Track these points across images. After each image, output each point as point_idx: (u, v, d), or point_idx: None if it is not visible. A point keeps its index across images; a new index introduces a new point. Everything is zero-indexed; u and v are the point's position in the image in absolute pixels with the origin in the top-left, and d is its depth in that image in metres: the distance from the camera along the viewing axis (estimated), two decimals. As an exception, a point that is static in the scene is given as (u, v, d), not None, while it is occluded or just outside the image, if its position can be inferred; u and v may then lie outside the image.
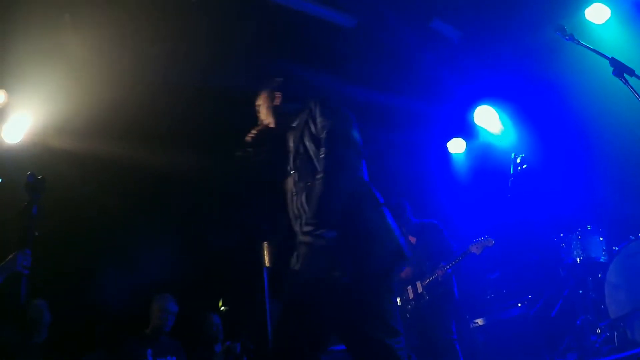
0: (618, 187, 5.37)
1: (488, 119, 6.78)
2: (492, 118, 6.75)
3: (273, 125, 2.76)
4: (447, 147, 7.31)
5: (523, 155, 5.33)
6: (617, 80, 3.16)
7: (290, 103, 2.75)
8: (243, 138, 2.76)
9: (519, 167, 5.31)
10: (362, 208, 2.37)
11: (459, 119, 7.01)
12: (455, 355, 4.76)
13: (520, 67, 6.03)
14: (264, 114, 2.80)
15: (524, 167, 5.29)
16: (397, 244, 2.36)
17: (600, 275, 4.82)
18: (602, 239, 4.97)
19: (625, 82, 3.15)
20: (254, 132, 2.78)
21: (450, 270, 5.02)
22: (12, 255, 3.05)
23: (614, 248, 4.79)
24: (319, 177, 2.33)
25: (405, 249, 2.39)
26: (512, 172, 5.34)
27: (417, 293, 5.17)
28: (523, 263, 6.13)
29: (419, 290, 5.15)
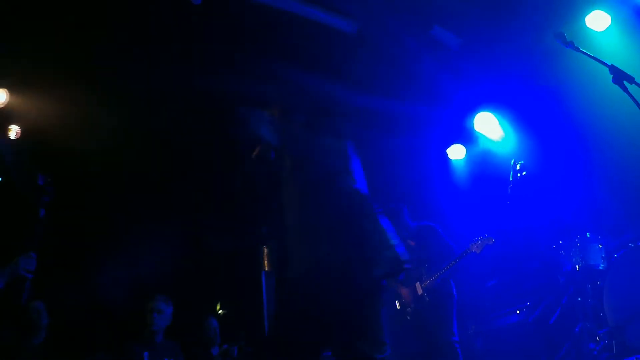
0: (617, 194, 5.37)
1: (488, 126, 6.79)
2: (492, 124, 6.75)
3: (274, 142, 2.83)
4: (446, 153, 7.32)
5: (522, 162, 5.33)
6: (617, 88, 3.17)
7: (288, 118, 2.84)
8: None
9: (519, 173, 5.31)
10: (360, 219, 2.45)
11: (459, 125, 7.02)
12: (457, 359, 4.75)
13: (520, 73, 6.04)
14: (266, 131, 2.85)
15: (524, 173, 5.29)
16: (393, 252, 2.41)
17: (599, 283, 4.80)
18: (601, 246, 4.95)
19: (625, 89, 3.16)
20: (258, 148, 2.88)
21: (449, 272, 5.02)
22: (15, 259, 3.01)
23: (614, 255, 4.79)
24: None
25: (403, 257, 2.43)
26: (511, 178, 5.34)
27: (416, 295, 5.16)
28: (522, 270, 6.13)
29: (419, 292, 5.14)
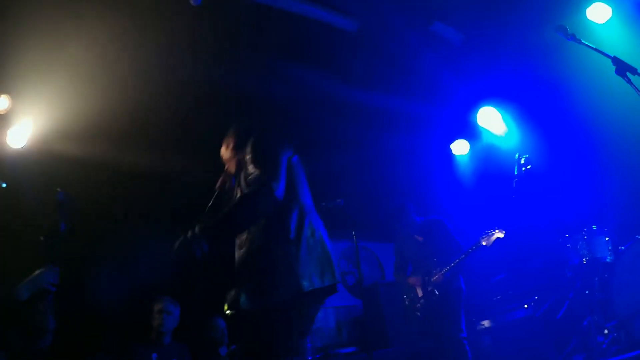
0: (623, 186, 5.34)
1: (491, 120, 6.77)
2: (495, 119, 6.74)
3: (233, 170, 2.91)
4: (450, 149, 7.31)
5: (527, 156, 5.31)
6: (620, 79, 3.16)
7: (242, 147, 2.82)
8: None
9: (523, 167, 5.29)
10: (268, 244, 2.51)
11: (462, 121, 7.00)
12: (465, 355, 4.74)
13: (523, 67, 6.01)
14: (226, 161, 2.98)
15: (528, 167, 5.27)
16: (295, 281, 2.44)
17: (607, 276, 4.79)
18: (607, 239, 4.94)
19: (628, 80, 3.16)
20: (221, 179, 2.97)
21: (458, 266, 5.00)
22: (38, 271, 3.07)
23: (620, 248, 4.77)
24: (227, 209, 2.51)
25: (309, 285, 2.47)
26: (516, 173, 5.32)
27: (426, 290, 5.15)
28: (529, 264, 6.11)
29: (429, 288, 5.13)
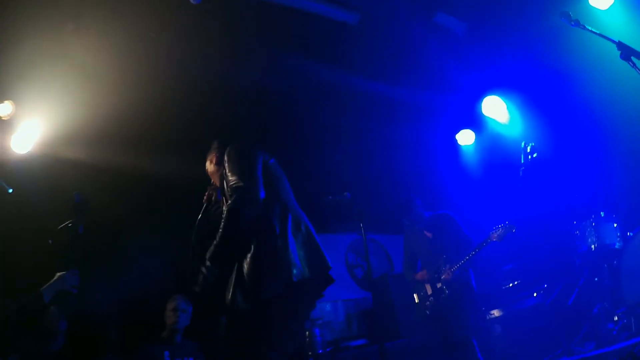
0: (630, 171, 5.31)
1: (496, 109, 6.73)
2: (500, 108, 6.69)
3: (218, 184, 3.08)
4: (456, 139, 7.27)
5: (533, 144, 5.27)
6: (625, 64, 3.14)
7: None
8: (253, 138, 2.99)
9: (530, 156, 5.26)
10: (257, 243, 2.67)
11: (467, 111, 6.96)
12: (473, 352, 4.73)
13: (527, 55, 5.96)
14: (211, 175, 3.15)
15: (535, 155, 5.23)
16: (287, 274, 2.61)
17: (616, 262, 4.77)
18: (616, 225, 4.91)
19: (633, 65, 3.13)
20: (207, 193, 3.15)
21: (468, 262, 4.96)
22: (59, 274, 3.18)
23: (628, 234, 4.73)
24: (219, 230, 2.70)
25: (298, 275, 2.64)
26: (522, 161, 5.29)
27: (436, 288, 5.12)
28: (537, 252, 6.09)
29: (438, 286, 5.11)
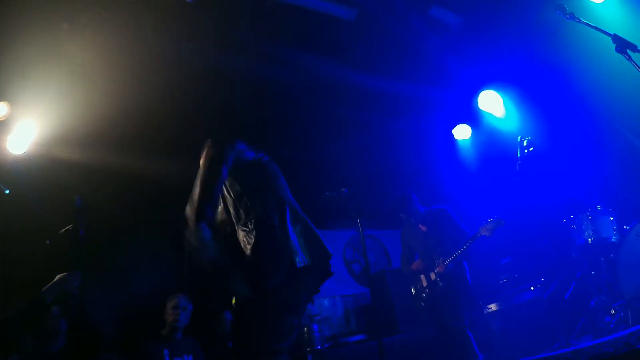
0: (626, 165, 5.32)
1: (492, 104, 6.74)
2: (496, 102, 6.70)
3: None
4: (452, 133, 7.27)
5: (529, 138, 5.28)
6: (620, 57, 3.15)
7: None
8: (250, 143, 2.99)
9: (526, 150, 5.27)
10: (256, 231, 2.67)
11: (464, 105, 6.97)
12: (469, 343, 4.77)
13: (522, 49, 5.96)
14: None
15: (531, 149, 5.24)
16: (289, 257, 2.63)
17: (613, 256, 4.78)
18: (612, 219, 4.92)
19: (629, 58, 3.14)
20: None
21: (461, 256, 5.01)
22: (62, 276, 3.22)
23: (625, 227, 4.75)
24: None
25: (300, 262, 2.65)
26: (519, 155, 5.30)
27: (430, 281, 5.18)
28: (534, 246, 6.11)
29: (432, 278, 5.16)
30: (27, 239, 3.98)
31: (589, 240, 4.96)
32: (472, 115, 7.04)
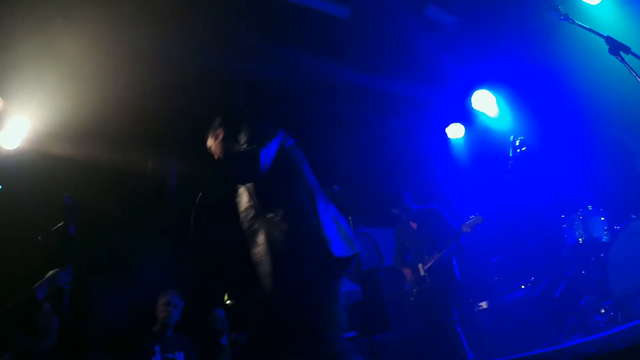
0: (618, 166, 5.37)
1: (486, 103, 6.77)
2: (490, 102, 6.73)
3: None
4: (446, 132, 7.30)
5: (522, 138, 5.32)
6: (613, 59, 3.17)
7: (233, 135, 2.97)
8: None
9: (518, 149, 5.31)
10: (290, 219, 2.58)
11: (457, 104, 6.99)
12: (458, 337, 4.84)
13: (517, 49, 5.99)
14: (215, 152, 3.03)
15: (523, 149, 5.28)
16: (326, 250, 2.51)
17: (603, 255, 4.83)
18: (603, 219, 4.96)
19: (622, 59, 3.16)
20: (211, 169, 3.07)
21: (447, 253, 5.09)
22: (53, 272, 3.22)
23: (616, 227, 4.79)
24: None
25: (338, 251, 2.54)
26: (511, 154, 5.34)
27: (419, 277, 5.25)
28: (526, 245, 6.16)
29: (422, 274, 5.22)
30: (19, 235, 3.96)
31: (580, 240, 5.00)
32: (465, 115, 7.07)
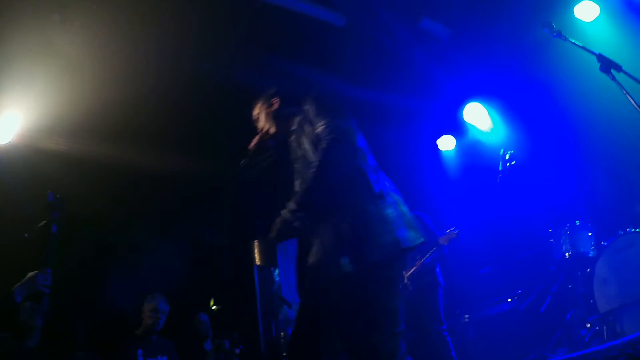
0: (606, 182, 5.43)
1: (477, 116, 6.82)
2: (481, 115, 6.79)
3: (274, 131, 2.79)
4: (437, 144, 7.34)
5: (512, 152, 5.37)
6: (605, 77, 3.20)
7: (288, 107, 2.77)
8: (234, 140, 2.80)
9: (508, 163, 5.35)
10: (356, 201, 2.39)
11: (449, 117, 7.04)
12: (446, 346, 4.83)
13: (510, 64, 6.06)
14: (264, 121, 2.83)
15: (513, 163, 5.33)
16: (393, 237, 2.36)
17: (589, 270, 4.85)
18: (590, 234, 5.01)
19: (612, 77, 3.19)
20: (257, 139, 2.81)
21: (429, 260, 5.12)
22: (32, 274, 3.03)
23: (602, 243, 4.84)
24: (310, 170, 2.39)
25: (405, 240, 2.38)
26: (500, 168, 5.38)
27: (402, 284, 5.25)
28: (513, 258, 6.19)
29: (404, 282, 5.23)
30: (8, 231, 3.88)
31: (567, 255, 5.04)
32: (456, 127, 7.12)
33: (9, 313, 3.13)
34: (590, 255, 4.94)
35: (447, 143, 7.29)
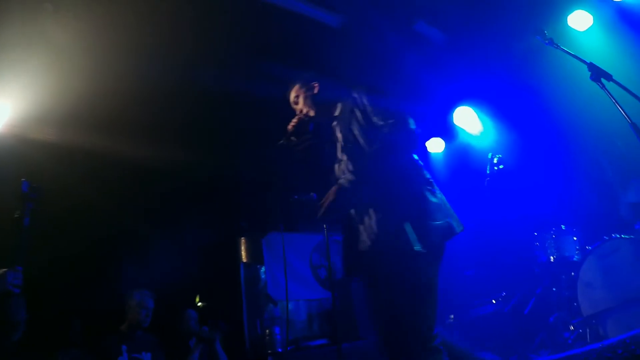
0: (593, 188, 5.51)
1: (467, 120, 6.87)
2: (471, 119, 6.84)
3: (313, 114, 2.88)
4: (425, 146, 7.38)
5: (500, 156, 5.43)
6: (595, 85, 3.25)
7: (327, 92, 2.88)
8: (226, 132, 2.79)
9: (496, 167, 5.41)
10: (413, 185, 2.51)
11: (439, 119, 7.08)
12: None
13: (501, 70, 6.12)
14: (302, 104, 2.92)
15: (501, 167, 5.39)
16: (446, 222, 2.47)
17: (574, 274, 4.94)
18: (575, 239, 5.10)
19: (602, 86, 3.24)
20: (295, 121, 2.88)
21: None
22: (1, 272, 2.79)
23: (587, 247, 4.92)
24: (371, 149, 2.52)
25: (454, 227, 2.50)
26: (488, 171, 5.44)
27: None
28: (498, 261, 6.25)
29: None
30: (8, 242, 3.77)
31: (552, 258, 5.12)
32: (446, 130, 7.17)
33: None
34: (575, 260, 5.03)
35: (436, 145, 7.34)
